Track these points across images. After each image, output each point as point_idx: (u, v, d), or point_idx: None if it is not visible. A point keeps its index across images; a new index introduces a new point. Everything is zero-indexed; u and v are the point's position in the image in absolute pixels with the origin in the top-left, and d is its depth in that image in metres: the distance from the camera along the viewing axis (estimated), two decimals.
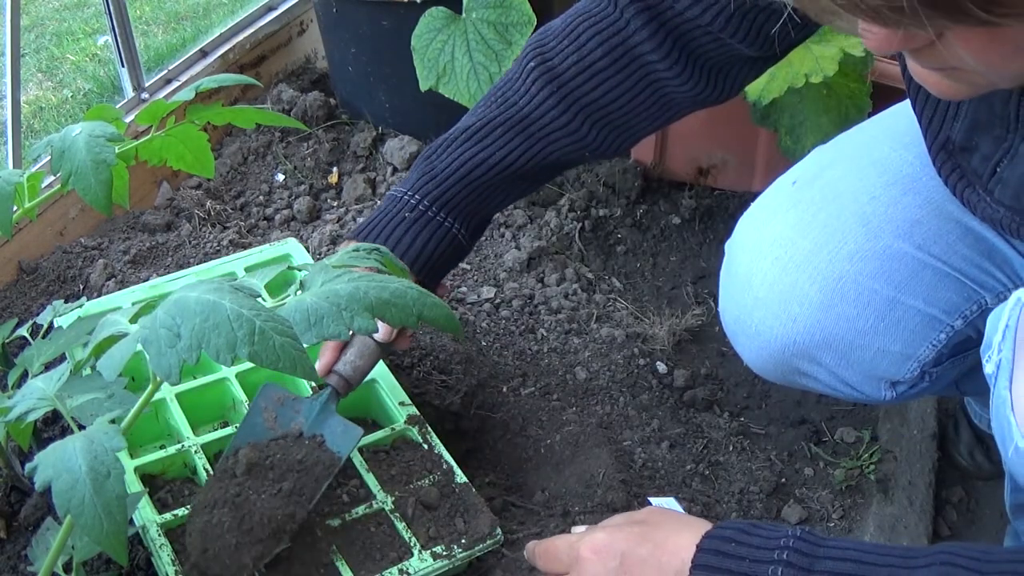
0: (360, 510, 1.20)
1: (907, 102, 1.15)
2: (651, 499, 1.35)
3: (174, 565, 1.11)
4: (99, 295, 1.61)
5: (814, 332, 1.16)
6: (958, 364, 1.20)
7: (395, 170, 1.97)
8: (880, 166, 1.17)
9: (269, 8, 2.26)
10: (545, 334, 1.63)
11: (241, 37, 2.15)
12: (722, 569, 0.86)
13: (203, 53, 2.11)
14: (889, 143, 1.18)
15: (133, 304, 1.03)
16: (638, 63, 1.13)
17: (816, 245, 1.15)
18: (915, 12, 0.62)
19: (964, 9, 0.62)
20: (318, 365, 1.21)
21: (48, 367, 1.18)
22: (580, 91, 1.14)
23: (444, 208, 1.18)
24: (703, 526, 0.91)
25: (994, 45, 0.67)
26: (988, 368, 0.92)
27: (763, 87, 1.59)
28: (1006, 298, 0.92)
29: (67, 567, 1.08)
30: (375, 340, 1.17)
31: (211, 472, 1.20)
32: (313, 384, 1.33)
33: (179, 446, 1.26)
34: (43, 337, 1.28)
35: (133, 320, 0.99)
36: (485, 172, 1.17)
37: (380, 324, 1.11)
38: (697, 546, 0.88)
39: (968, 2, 0.61)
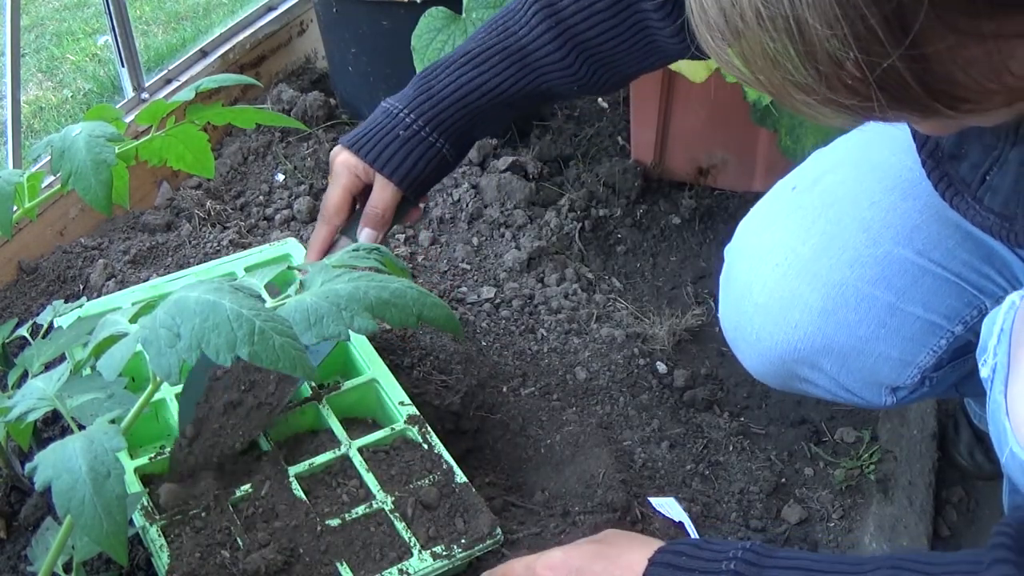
0: (360, 510, 1.19)
1: None
2: (651, 499, 1.35)
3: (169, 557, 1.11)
4: (99, 295, 1.61)
5: (815, 339, 1.16)
6: (958, 368, 1.20)
7: None
8: (879, 171, 1.17)
9: (269, 8, 2.26)
10: (545, 334, 1.63)
11: (241, 37, 2.16)
12: (679, 566, 0.86)
13: (203, 53, 2.11)
14: (888, 147, 1.18)
15: (133, 304, 1.03)
16: (633, 9, 1.16)
17: (816, 251, 1.15)
18: (886, 111, 0.64)
19: (933, 109, 0.64)
20: (311, 256, 1.25)
21: (48, 367, 1.18)
22: (577, 29, 1.17)
23: (436, 129, 1.21)
24: (657, 544, 0.91)
25: (968, 119, 0.69)
26: (984, 372, 0.92)
27: None
28: None
29: (67, 567, 1.08)
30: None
31: None
32: (314, 384, 1.33)
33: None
34: (43, 337, 1.28)
35: (133, 320, 0.99)
36: (479, 98, 1.20)
37: (366, 231, 1.19)
38: (649, 560, 0.88)
39: (936, 104, 0.63)
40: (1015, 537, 0.75)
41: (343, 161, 1.23)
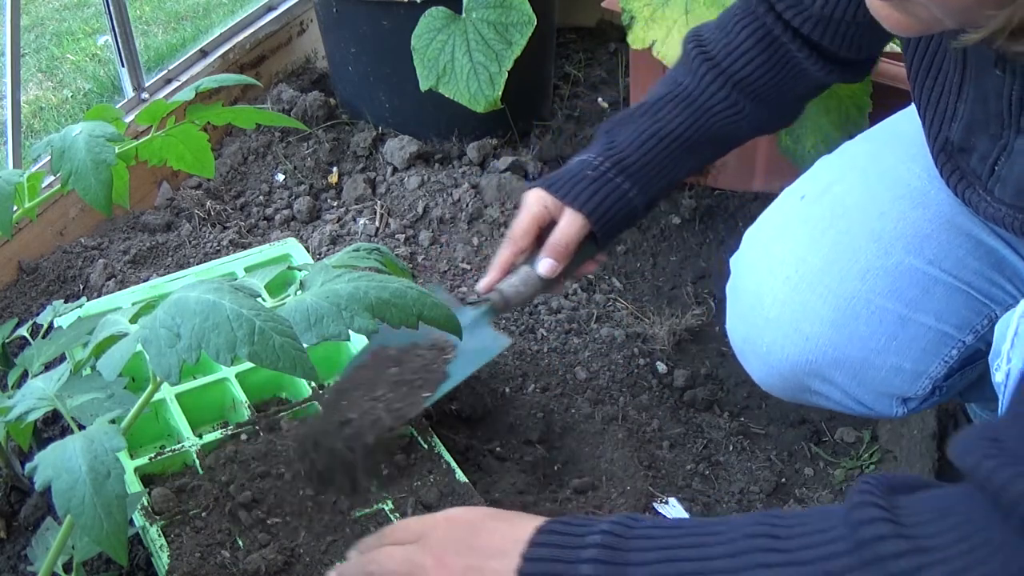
0: (360, 510, 1.19)
1: (910, 109, 1.14)
2: (655, 505, 1.36)
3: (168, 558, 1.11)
4: (99, 295, 1.61)
5: (826, 351, 1.15)
6: (967, 376, 1.19)
7: (395, 170, 1.97)
8: (888, 180, 1.17)
9: (269, 8, 2.26)
10: (545, 334, 1.63)
11: (241, 37, 2.16)
12: (558, 531, 0.84)
13: (203, 53, 2.11)
14: (896, 155, 1.18)
15: (133, 304, 1.03)
16: (777, 44, 1.22)
17: (826, 263, 1.15)
18: None
19: None
20: (483, 282, 1.29)
21: (48, 367, 1.18)
22: (731, 69, 1.24)
23: (622, 173, 1.25)
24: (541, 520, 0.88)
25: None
26: (998, 377, 0.91)
27: None
28: None
29: (67, 567, 1.08)
30: (539, 274, 1.25)
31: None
32: (314, 384, 1.33)
33: (179, 446, 1.26)
34: (43, 337, 1.28)
35: (133, 320, 0.99)
36: (657, 143, 1.25)
37: (545, 261, 1.23)
38: (538, 528, 0.85)
39: None
40: (876, 483, 0.75)
41: (535, 193, 1.27)
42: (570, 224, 1.23)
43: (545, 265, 1.23)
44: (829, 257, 1.15)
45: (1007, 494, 0.67)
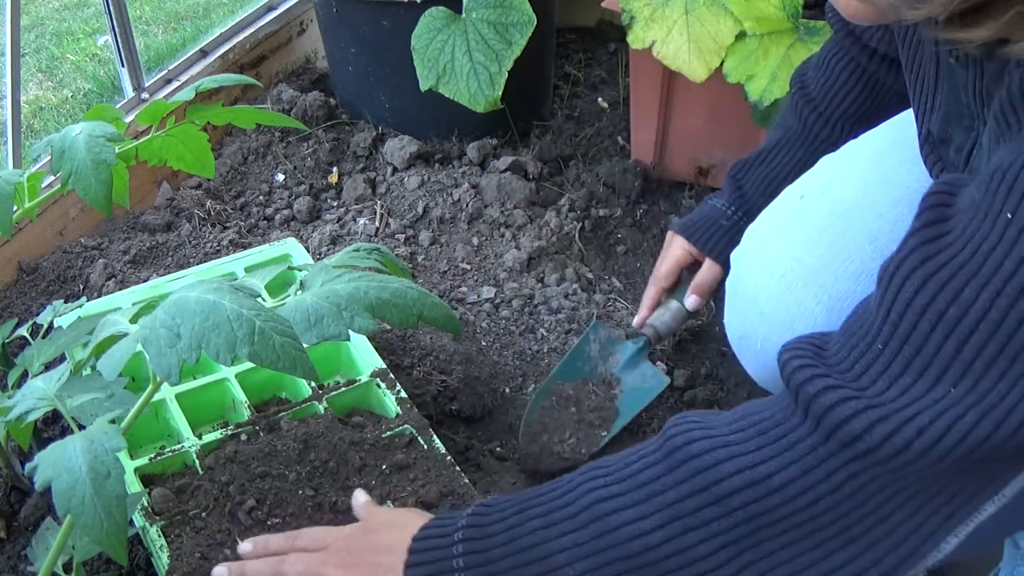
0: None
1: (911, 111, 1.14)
2: None
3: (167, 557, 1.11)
4: (99, 295, 1.61)
5: None
6: None
7: (395, 170, 1.97)
8: (887, 182, 1.17)
9: (269, 8, 2.26)
10: (545, 334, 1.63)
11: (241, 37, 2.16)
12: (431, 525, 0.96)
13: (203, 53, 2.11)
14: (896, 157, 1.18)
15: (133, 304, 1.03)
16: (867, 75, 1.30)
17: (822, 263, 1.15)
18: None
19: None
20: (637, 319, 1.49)
21: (48, 367, 1.18)
22: (831, 107, 1.33)
23: (751, 219, 1.35)
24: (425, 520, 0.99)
25: None
26: None
27: (764, 88, 1.59)
28: None
29: (67, 567, 1.08)
30: (688, 309, 1.45)
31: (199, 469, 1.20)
32: (314, 384, 1.33)
33: (179, 446, 1.26)
34: (43, 337, 1.28)
35: (133, 320, 0.99)
36: (779, 187, 1.32)
37: (694, 298, 1.44)
38: (412, 538, 0.96)
39: None
40: (691, 412, 0.87)
41: (678, 241, 1.45)
42: (711, 270, 1.43)
43: (693, 302, 1.44)
44: (825, 257, 1.15)
45: (805, 391, 0.79)
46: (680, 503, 0.81)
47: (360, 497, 1.13)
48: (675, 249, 1.45)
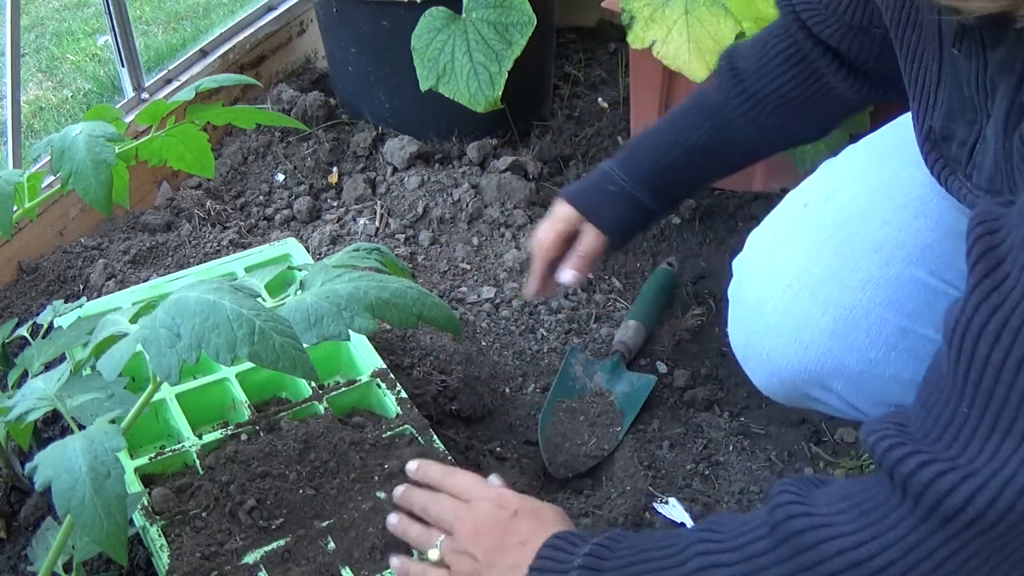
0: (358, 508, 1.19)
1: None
2: (655, 505, 1.36)
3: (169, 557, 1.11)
4: (99, 295, 1.61)
5: (825, 360, 1.15)
6: None
7: (395, 170, 1.97)
8: (891, 188, 1.16)
9: (269, 8, 2.26)
10: (545, 334, 1.63)
11: (241, 37, 2.16)
12: (564, 537, 0.98)
13: (203, 53, 2.11)
14: (899, 162, 1.17)
15: (133, 304, 1.03)
16: (805, 61, 1.24)
17: (828, 272, 1.15)
18: None
19: None
20: (529, 290, 1.40)
21: (48, 367, 1.18)
22: (758, 85, 1.27)
23: (640, 184, 1.32)
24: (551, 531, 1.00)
25: None
26: None
27: None
28: None
29: (67, 567, 1.08)
30: (561, 282, 1.36)
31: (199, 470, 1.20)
32: (314, 384, 1.33)
33: (179, 446, 1.26)
34: (43, 337, 1.28)
35: (133, 320, 0.99)
36: (675, 151, 1.31)
37: (568, 272, 1.33)
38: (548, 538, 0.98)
39: None
40: (794, 479, 0.87)
41: (561, 207, 1.35)
42: (592, 240, 1.33)
43: (571, 276, 1.34)
44: (830, 266, 1.15)
45: (899, 471, 0.77)
46: None
47: (495, 481, 1.14)
48: (558, 215, 1.35)
